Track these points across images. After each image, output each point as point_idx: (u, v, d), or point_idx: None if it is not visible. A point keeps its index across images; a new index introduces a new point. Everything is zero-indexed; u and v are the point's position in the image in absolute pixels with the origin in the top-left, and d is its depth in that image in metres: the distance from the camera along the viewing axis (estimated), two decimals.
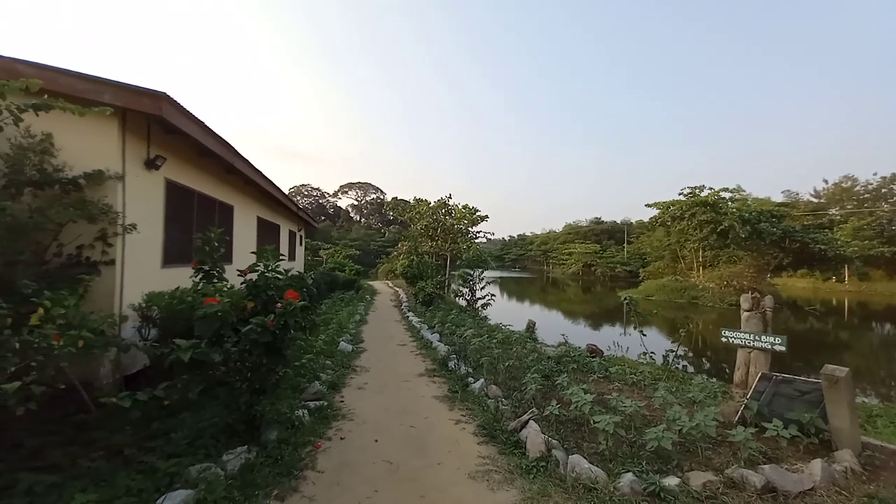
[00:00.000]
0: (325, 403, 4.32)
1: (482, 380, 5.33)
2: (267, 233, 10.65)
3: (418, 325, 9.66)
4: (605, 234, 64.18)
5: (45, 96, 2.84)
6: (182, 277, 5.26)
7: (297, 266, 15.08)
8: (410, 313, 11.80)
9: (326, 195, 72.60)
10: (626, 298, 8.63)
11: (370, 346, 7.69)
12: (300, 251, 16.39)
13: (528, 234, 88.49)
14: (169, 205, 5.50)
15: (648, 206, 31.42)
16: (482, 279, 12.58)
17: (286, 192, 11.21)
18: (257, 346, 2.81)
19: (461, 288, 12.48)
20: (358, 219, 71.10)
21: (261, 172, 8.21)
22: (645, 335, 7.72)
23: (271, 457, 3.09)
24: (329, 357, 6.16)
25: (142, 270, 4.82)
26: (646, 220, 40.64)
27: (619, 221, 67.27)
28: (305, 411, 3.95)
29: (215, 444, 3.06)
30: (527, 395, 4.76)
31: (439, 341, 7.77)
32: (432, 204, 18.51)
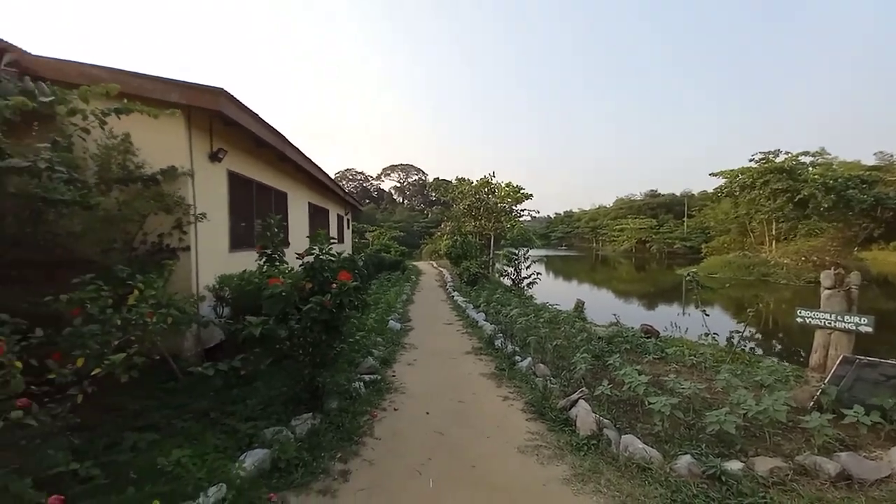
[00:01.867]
0: (379, 377, 4.57)
1: (529, 358, 5.34)
2: (317, 217, 11.18)
3: (463, 305, 9.79)
4: (662, 208, 60.02)
5: (125, 100, 3.15)
6: (247, 261, 5.71)
7: (346, 248, 15.74)
8: (455, 293, 11.96)
9: (370, 178, 74.35)
10: (689, 275, 8.06)
11: (417, 324, 7.94)
12: (348, 234, 17.07)
13: (575, 210, 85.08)
14: (232, 194, 5.93)
15: (714, 175, 28.90)
16: (527, 258, 12.36)
17: (332, 177, 11.62)
18: (317, 324, 3.02)
19: (506, 267, 12.37)
20: (401, 200, 72.28)
21: (310, 160, 8.57)
22: (707, 315, 7.23)
23: (333, 423, 3.36)
24: (380, 335, 6.45)
25: (213, 255, 5.29)
26: (710, 190, 37.36)
27: (678, 194, 62.53)
28: (361, 384, 4.21)
29: (284, 411, 3.38)
30: (576, 374, 4.70)
31: (485, 320, 7.84)
32: (475, 183, 18.32)
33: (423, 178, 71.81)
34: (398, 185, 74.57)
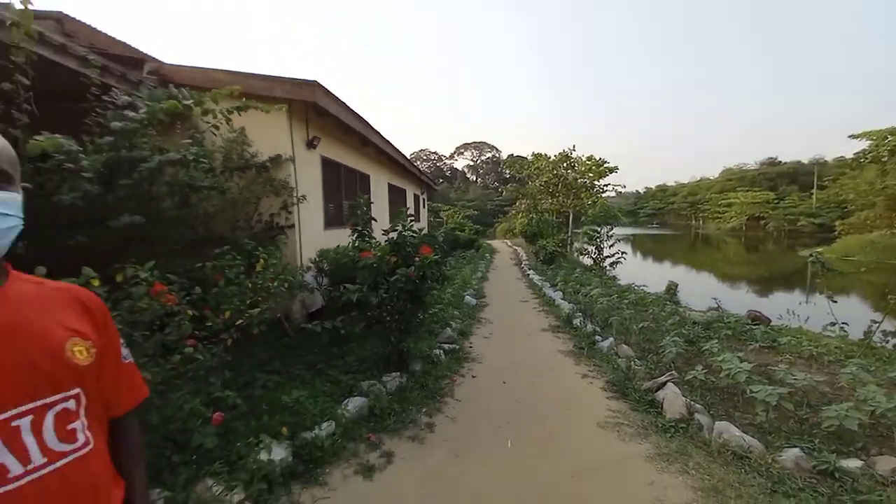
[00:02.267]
0: (457, 347, 4.83)
1: (611, 339, 5.17)
2: (396, 197, 11.79)
3: (539, 283, 9.66)
4: (784, 178, 50.98)
5: (244, 99, 3.69)
6: (338, 238, 6.35)
7: (422, 227, 16.38)
8: (531, 271, 11.81)
9: (443, 158, 75.10)
10: (812, 255, 6.87)
11: (493, 301, 8.09)
12: (424, 213, 17.73)
13: (670, 184, 76.47)
14: (324, 178, 6.57)
15: (854, 137, 23.61)
16: (611, 236, 11.60)
17: (408, 158, 12.07)
18: (403, 293, 3.32)
19: (586, 246, 11.79)
20: (474, 179, 72.05)
21: (390, 143, 9.03)
22: (835, 301, 6.15)
23: (418, 383, 3.69)
24: (456, 308, 6.74)
25: (311, 232, 5.98)
26: (849, 156, 30.54)
27: (805, 161, 52.40)
28: (441, 351, 4.51)
29: (376, 368, 3.81)
30: (665, 357, 4.45)
31: (562, 299, 7.67)
32: (552, 158, 17.50)
33: (497, 155, 70.46)
34: (471, 163, 74.28)
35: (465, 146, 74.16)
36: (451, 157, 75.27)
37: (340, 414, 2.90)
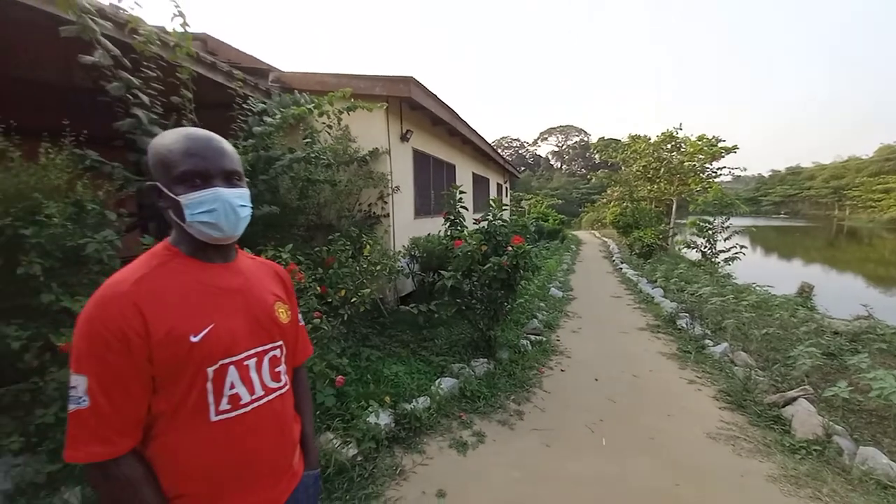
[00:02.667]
0: (544, 339, 4.76)
1: (725, 344, 4.62)
2: (480, 186, 11.82)
3: (635, 278, 8.93)
4: None
5: (353, 99, 4.05)
6: (426, 226, 6.65)
7: (504, 217, 16.18)
8: (624, 265, 10.97)
9: (526, 145, 72.65)
10: None
11: (580, 294, 7.73)
12: (506, 202, 17.49)
13: (805, 165, 63.76)
14: (415, 169, 6.90)
15: None
16: (727, 228, 10.10)
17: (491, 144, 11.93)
18: (495, 281, 3.39)
19: (694, 238, 10.47)
20: (559, 166, 68.50)
21: (476, 132, 9.06)
22: None
23: (506, 371, 3.75)
24: (542, 300, 6.61)
25: (402, 220, 6.36)
26: None
27: None
28: (528, 342, 4.49)
29: (465, 353, 3.96)
30: (796, 370, 3.83)
31: (662, 297, 7.01)
32: (653, 140, 15.79)
33: (585, 139, 65.88)
34: (556, 149, 70.62)
35: (550, 131, 70.75)
36: (535, 143, 72.58)
37: (435, 391, 3.10)
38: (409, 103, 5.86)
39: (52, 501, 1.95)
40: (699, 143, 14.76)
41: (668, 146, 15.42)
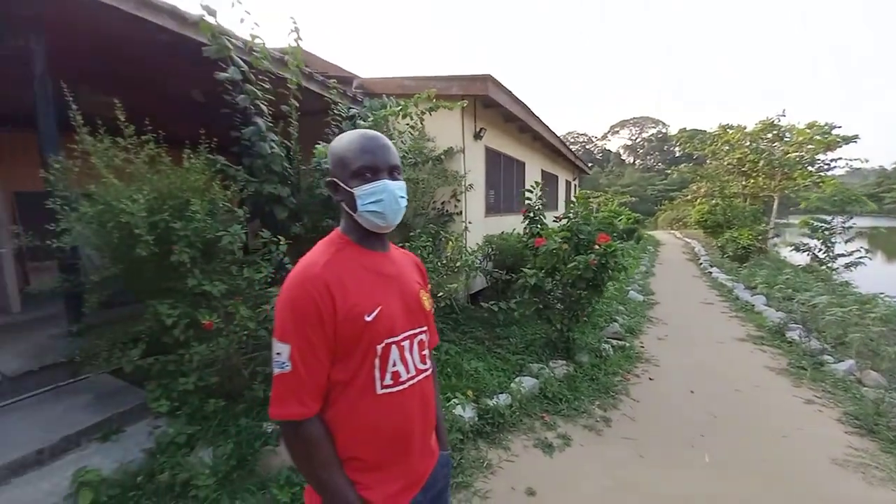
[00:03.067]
0: (627, 345, 4.47)
1: (851, 362, 4.00)
2: (548, 184, 11.43)
3: (728, 284, 8.02)
4: None
5: (433, 100, 4.16)
6: (497, 223, 6.61)
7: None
8: (714, 269, 9.89)
9: (594, 139, 68.74)
10: None
11: (663, 299, 7.14)
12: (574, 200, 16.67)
13: None
14: (486, 167, 6.89)
15: None
16: (848, 229, 8.61)
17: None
18: (581, 281, 3.26)
19: (806, 240, 9.09)
20: (631, 161, 63.69)
21: (548, 127, 8.79)
22: None
23: (587, 375, 3.59)
24: (621, 304, 6.22)
25: (474, 218, 6.38)
26: None
27: None
28: (609, 346, 4.25)
29: (542, 353, 3.87)
30: None
31: (765, 305, 6.21)
32: (750, 129, 14.02)
33: (663, 131, 60.53)
34: (629, 142, 65.75)
35: (622, 124, 66.12)
36: (604, 137, 68.41)
37: (516, 389, 3.07)
38: (483, 101, 5.87)
39: (189, 459, 2.26)
40: (808, 131, 12.79)
41: (769, 135, 13.57)
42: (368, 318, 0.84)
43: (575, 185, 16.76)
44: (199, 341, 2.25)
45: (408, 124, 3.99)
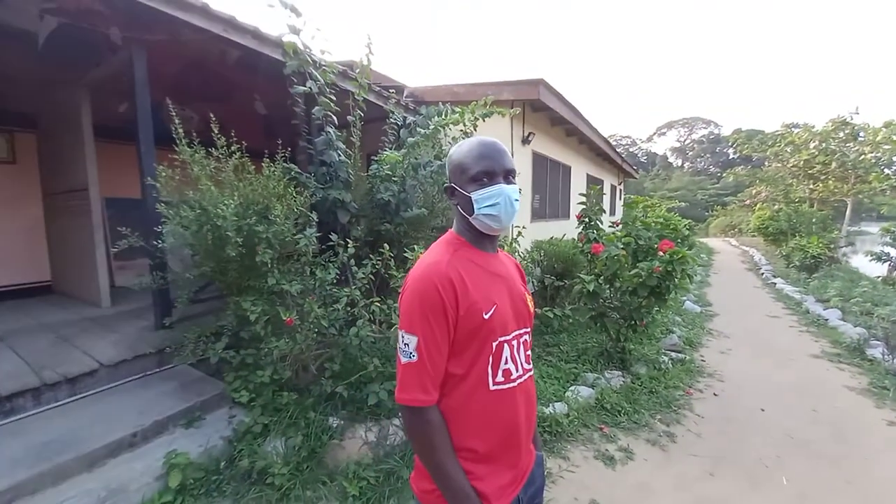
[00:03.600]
0: (687, 357, 4.25)
1: None
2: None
3: (797, 296, 7.42)
4: None
5: (487, 106, 4.19)
6: (543, 229, 6.52)
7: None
8: (778, 279, 9.18)
9: (638, 142, 65.90)
10: None
11: (722, 310, 6.71)
12: (619, 205, 16.10)
13: None
14: (534, 171, 6.82)
15: None
16: None
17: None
18: (644, 288, 3.15)
19: (888, 249, 8.24)
20: (679, 163, 60.45)
21: (596, 130, 8.58)
22: None
23: (645, 387, 3.45)
24: (677, 314, 5.92)
25: (521, 224, 6.34)
26: None
27: None
28: (667, 359, 4.06)
29: (597, 363, 3.76)
30: None
31: (841, 320, 5.69)
32: (819, 129, 12.92)
33: (715, 132, 57.09)
34: (677, 144, 62.48)
35: (669, 125, 63.00)
36: (649, 139, 65.45)
37: (572, 399, 3.01)
38: (532, 105, 5.84)
39: (264, 448, 2.40)
40: (885, 129, 11.58)
41: (841, 135, 12.45)
42: (486, 316, 0.88)
43: (620, 190, 16.17)
44: (277, 336, 2.41)
45: (461, 130, 4.05)
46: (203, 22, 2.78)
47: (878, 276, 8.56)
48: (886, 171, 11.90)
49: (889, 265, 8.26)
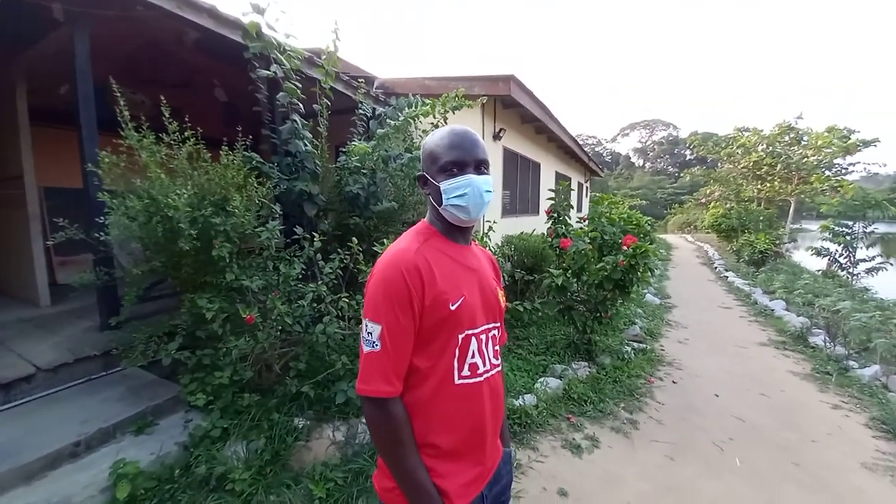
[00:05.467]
0: (647, 347, 4.44)
1: (876, 367, 3.95)
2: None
3: (746, 288, 7.94)
4: None
5: (461, 97, 4.15)
6: (513, 224, 6.60)
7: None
8: (730, 273, 9.79)
9: (603, 142, 68.27)
10: None
11: (680, 303, 7.07)
12: (586, 202, 16.60)
13: None
14: (504, 168, 6.88)
15: None
16: (870, 234, 8.47)
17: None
18: (609, 282, 3.24)
19: (828, 245, 8.94)
20: (641, 163, 63.19)
21: (565, 129, 8.76)
22: None
23: (610, 377, 3.57)
24: (639, 307, 6.17)
25: (491, 219, 6.38)
26: None
27: None
28: (630, 349, 4.22)
29: (564, 354, 3.85)
30: None
31: (785, 310, 6.14)
32: (767, 133, 13.86)
33: (674, 134, 60.06)
34: (639, 145, 65.25)
35: (632, 126, 65.66)
36: (613, 139, 67.95)
37: (541, 390, 3.06)
38: (503, 102, 5.86)
39: (223, 453, 2.28)
40: (827, 135, 12.60)
41: (786, 139, 13.40)
42: (453, 307, 0.85)
43: (587, 187, 16.66)
44: (236, 335, 2.28)
45: (431, 122, 3.99)
46: None
47: (818, 270, 9.31)
48: (827, 172, 12.95)
49: (828, 260, 8.99)
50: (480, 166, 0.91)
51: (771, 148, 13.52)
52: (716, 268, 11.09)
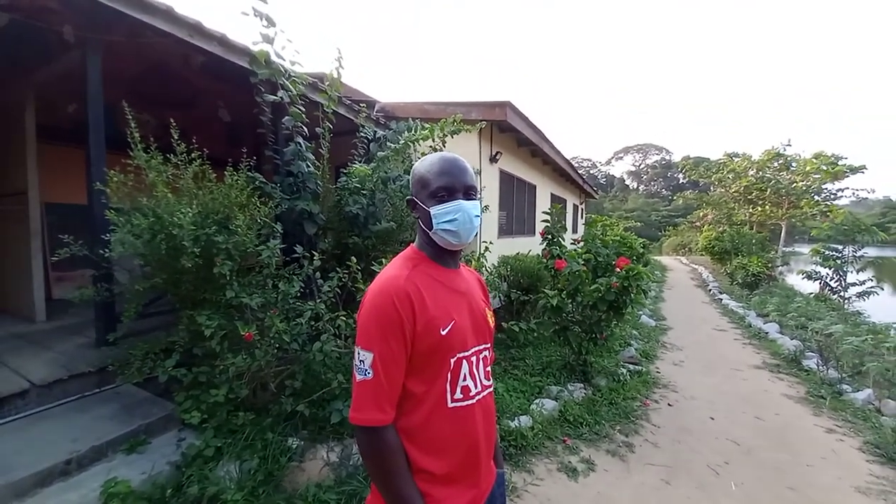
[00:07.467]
0: (643, 369, 4.45)
1: (868, 391, 3.97)
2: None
3: (740, 311, 8.00)
4: None
5: (455, 123, 4.30)
6: (510, 245, 6.68)
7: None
8: (724, 295, 9.87)
9: (598, 164, 69.69)
10: None
11: (676, 324, 7.11)
12: (581, 225, 16.80)
13: None
14: (500, 189, 7.02)
15: None
16: (860, 258, 8.61)
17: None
18: (603, 303, 3.29)
19: (818, 268, 9.07)
20: (635, 186, 64.35)
21: (560, 153, 8.99)
22: None
23: (605, 399, 3.57)
24: (634, 328, 6.20)
25: (488, 240, 6.46)
26: None
27: None
28: (625, 371, 4.23)
29: (560, 376, 3.85)
30: None
31: (779, 332, 6.18)
32: (756, 158, 14.25)
33: (667, 158, 61.43)
34: (633, 168, 66.61)
35: (626, 150, 67.21)
36: (608, 162, 69.38)
37: (536, 411, 3.06)
38: (499, 126, 6.05)
39: (216, 473, 2.25)
40: (815, 161, 12.98)
41: (775, 164, 13.77)
42: (444, 332, 0.87)
43: (582, 209, 16.91)
44: (234, 353, 2.29)
45: (430, 146, 4.12)
46: (167, 26, 2.70)
47: (811, 293, 9.41)
48: (816, 197, 13.27)
49: (819, 283, 9.10)
50: (469, 192, 0.94)
51: (760, 173, 13.88)
52: (710, 290, 11.18)
